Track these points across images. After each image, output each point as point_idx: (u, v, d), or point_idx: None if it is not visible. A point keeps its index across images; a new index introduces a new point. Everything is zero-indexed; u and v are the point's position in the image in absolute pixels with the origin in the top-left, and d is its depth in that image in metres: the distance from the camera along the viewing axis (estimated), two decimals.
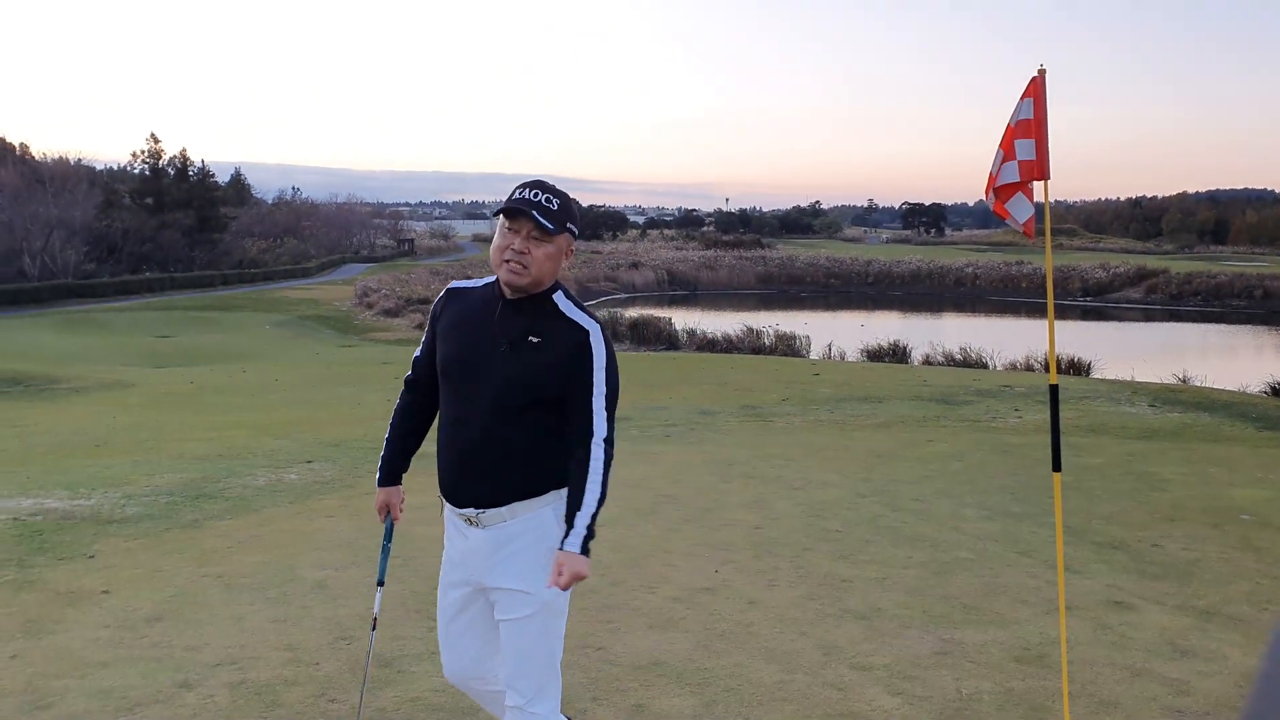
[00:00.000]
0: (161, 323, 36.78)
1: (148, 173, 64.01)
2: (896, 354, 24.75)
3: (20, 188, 49.98)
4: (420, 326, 38.93)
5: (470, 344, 2.66)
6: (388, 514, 3.04)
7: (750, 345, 27.16)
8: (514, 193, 2.62)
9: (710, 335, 29.43)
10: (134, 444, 9.43)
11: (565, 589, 2.59)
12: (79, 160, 58.55)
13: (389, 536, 3.12)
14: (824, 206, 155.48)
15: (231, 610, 4.66)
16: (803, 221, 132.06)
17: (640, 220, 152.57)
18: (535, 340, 2.61)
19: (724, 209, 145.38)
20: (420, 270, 62.70)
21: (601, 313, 34.91)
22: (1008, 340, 26.81)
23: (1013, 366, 22.67)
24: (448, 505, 2.78)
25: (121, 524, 6.17)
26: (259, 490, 7.12)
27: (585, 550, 2.61)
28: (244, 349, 30.02)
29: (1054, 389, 3.89)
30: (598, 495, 2.67)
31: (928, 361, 24.18)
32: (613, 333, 30.24)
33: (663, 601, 4.85)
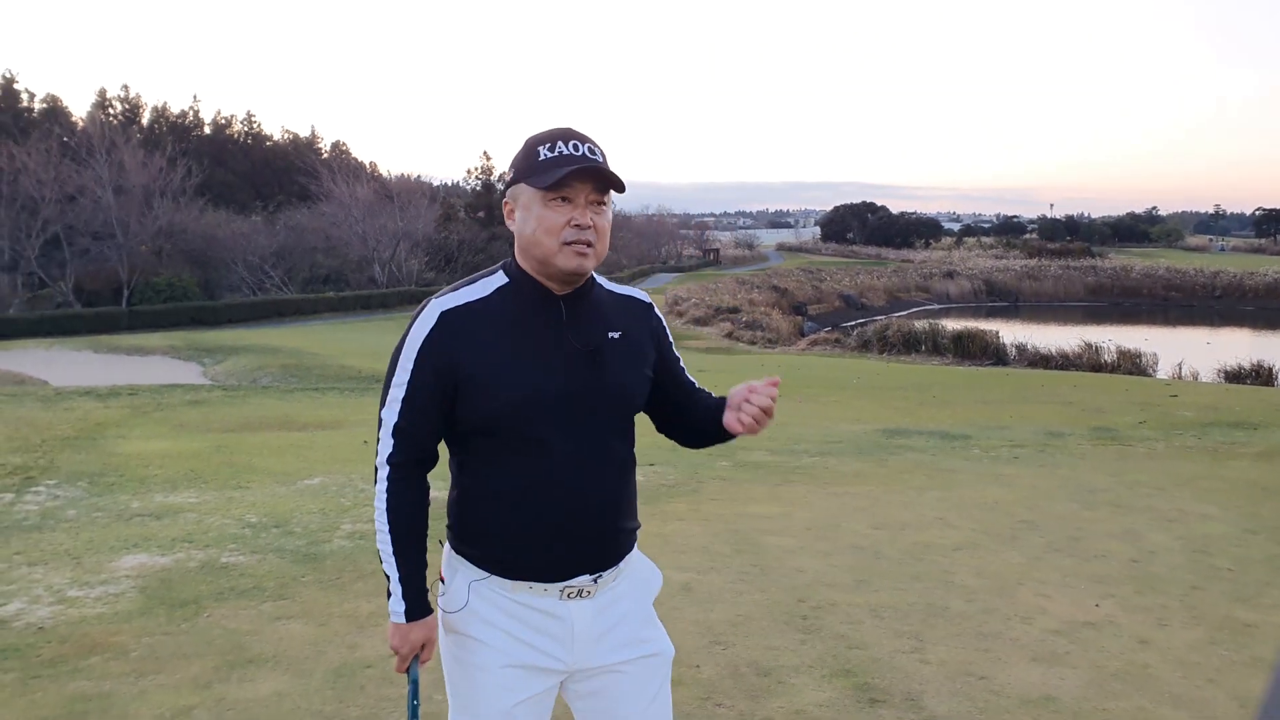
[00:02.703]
0: None
1: (480, 188, 68.82)
2: (1260, 375, 22.33)
3: (372, 202, 55.18)
4: (730, 336, 39.45)
5: (540, 376, 1.94)
6: (413, 661, 2.06)
7: (1089, 362, 25.38)
8: (541, 150, 1.93)
9: (1042, 350, 27.77)
10: None
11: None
12: (418, 177, 63.93)
13: (416, 692, 2.12)
14: (1162, 213, 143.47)
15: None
16: (1138, 229, 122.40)
17: (955, 227, 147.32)
18: (615, 336, 2.02)
19: (1048, 215, 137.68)
20: (726, 279, 63.56)
21: (920, 324, 33.95)
22: None
23: None
24: (518, 585, 2.01)
25: None
26: None
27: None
28: None
29: None
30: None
31: None
32: (934, 345, 29.28)
33: (1042, 634, 4.56)
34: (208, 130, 68.70)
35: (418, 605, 2.01)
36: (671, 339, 2.23)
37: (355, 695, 3.79)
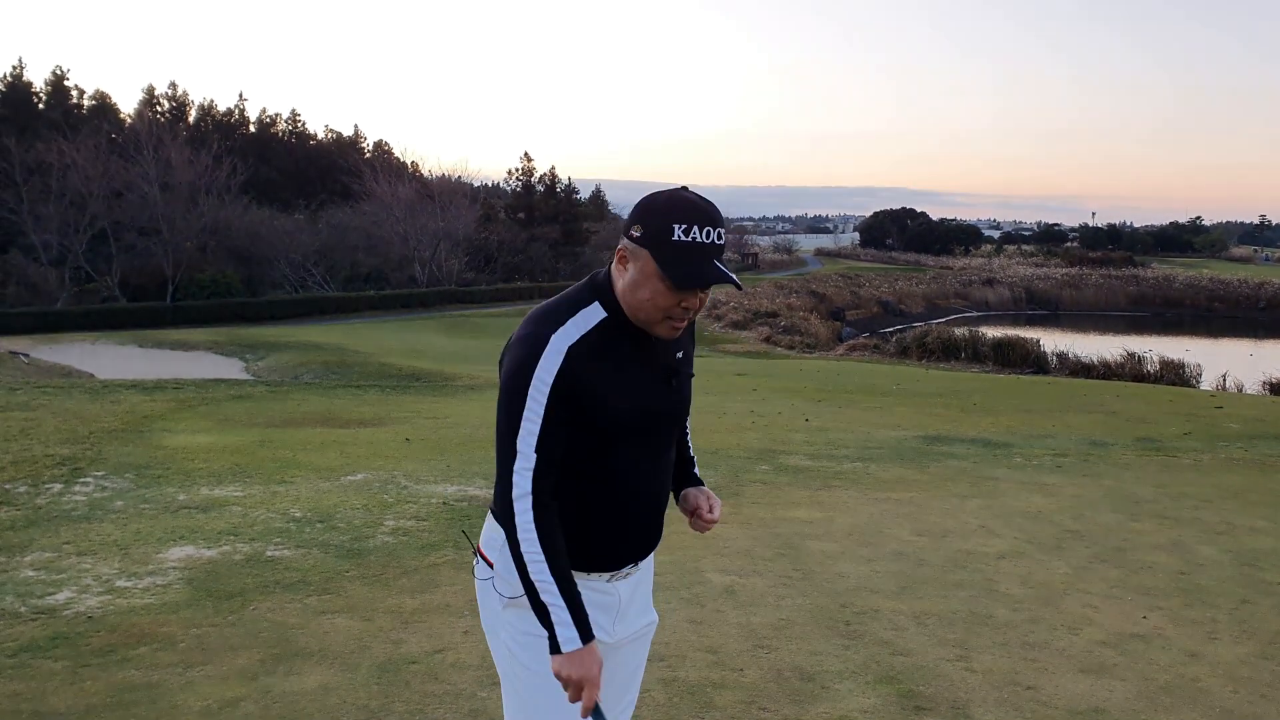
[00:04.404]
0: None
1: (520, 189, 68.98)
2: None
3: (413, 202, 55.49)
4: (769, 340, 39.32)
5: (645, 390, 2.13)
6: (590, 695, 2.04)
7: (1131, 372, 25.08)
8: (676, 229, 1.98)
9: (1084, 359, 27.45)
10: None
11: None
12: (459, 178, 64.05)
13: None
14: (1206, 222, 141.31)
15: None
16: (1181, 238, 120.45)
17: (995, 234, 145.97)
18: (681, 355, 2.21)
19: (1090, 223, 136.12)
20: (765, 284, 63.36)
21: (960, 331, 33.70)
22: None
23: None
24: (585, 574, 2.16)
25: None
26: None
27: None
28: None
29: None
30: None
31: None
32: (973, 353, 29.04)
33: (1089, 645, 4.51)
34: (253, 128, 69.34)
35: (588, 628, 2.02)
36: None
37: (400, 690, 3.82)
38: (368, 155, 70.78)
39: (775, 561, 5.65)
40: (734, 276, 2.02)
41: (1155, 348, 30.63)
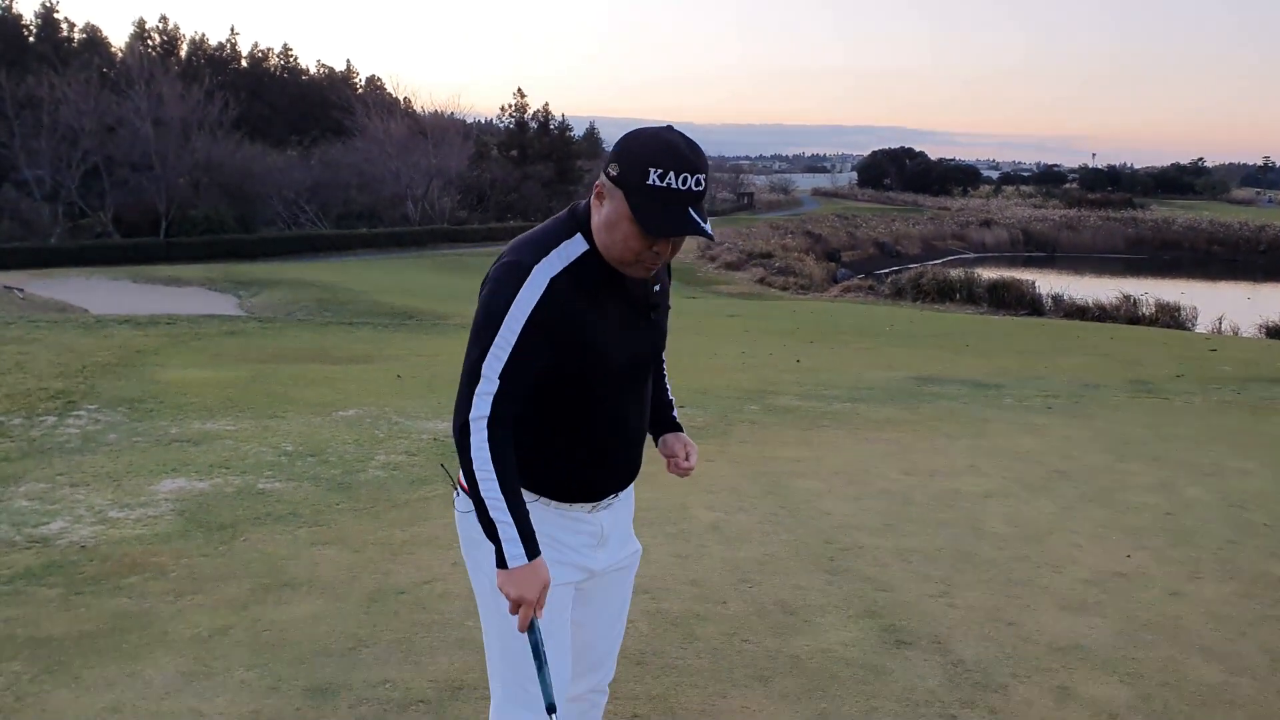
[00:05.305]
0: None
1: (513, 126, 68.30)
2: None
3: (406, 139, 54.89)
4: (763, 281, 39.25)
5: (624, 323, 2.11)
6: (533, 614, 2.05)
7: (1126, 314, 25.12)
8: (652, 173, 1.91)
9: (1079, 301, 27.48)
10: None
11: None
12: (452, 114, 63.32)
13: (540, 651, 2.07)
14: (1208, 164, 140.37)
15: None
16: (1182, 181, 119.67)
17: (994, 175, 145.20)
18: (658, 288, 2.18)
19: (1090, 165, 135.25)
20: (760, 225, 63.11)
21: (956, 273, 33.64)
22: None
23: None
24: (566, 505, 2.19)
25: None
26: None
27: None
28: None
29: None
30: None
31: None
32: (969, 294, 29.04)
33: (1073, 583, 4.56)
34: (245, 63, 68.57)
35: (535, 545, 2.03)
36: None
37: (389, 620, 3.86)
38: (360, 91, 70.00)
39: (762, 499, 5.69)
40: (707, 228, 1.97)
41: (1151, 290, 30.63)
